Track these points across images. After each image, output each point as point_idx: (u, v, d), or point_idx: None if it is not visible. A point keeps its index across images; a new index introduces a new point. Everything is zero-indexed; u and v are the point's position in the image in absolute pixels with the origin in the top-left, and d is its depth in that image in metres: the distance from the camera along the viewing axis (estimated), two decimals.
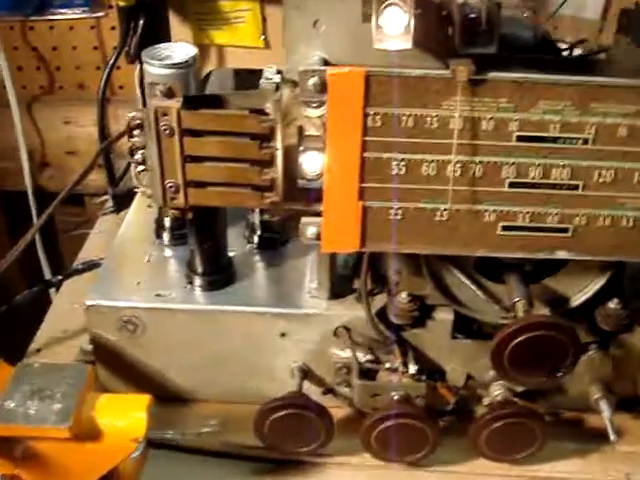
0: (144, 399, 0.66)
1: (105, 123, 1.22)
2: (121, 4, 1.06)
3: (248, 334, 0.75)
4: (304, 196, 0.63)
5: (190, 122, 0.59)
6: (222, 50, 1.25)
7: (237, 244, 0.82)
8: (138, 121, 0.60)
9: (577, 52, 0.73)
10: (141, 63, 1.08)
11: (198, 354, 0.77)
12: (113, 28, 1.26)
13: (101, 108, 1.15)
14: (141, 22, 1.05)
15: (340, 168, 0.60)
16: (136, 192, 0.96)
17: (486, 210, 0.62)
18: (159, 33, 1.10)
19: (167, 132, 0.59)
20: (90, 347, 0.80)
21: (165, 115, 0.59)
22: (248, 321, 0.74)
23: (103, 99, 1.15)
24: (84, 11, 1.27)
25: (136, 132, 0.61)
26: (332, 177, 0.61)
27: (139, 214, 0.89)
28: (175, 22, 1.20)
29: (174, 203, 0.63)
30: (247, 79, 0.77)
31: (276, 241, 0.82)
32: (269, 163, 0.61)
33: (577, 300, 0.71)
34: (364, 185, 0.61)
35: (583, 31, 1.15)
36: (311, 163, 0.62)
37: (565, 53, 0.73)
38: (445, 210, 0.62)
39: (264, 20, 1.20)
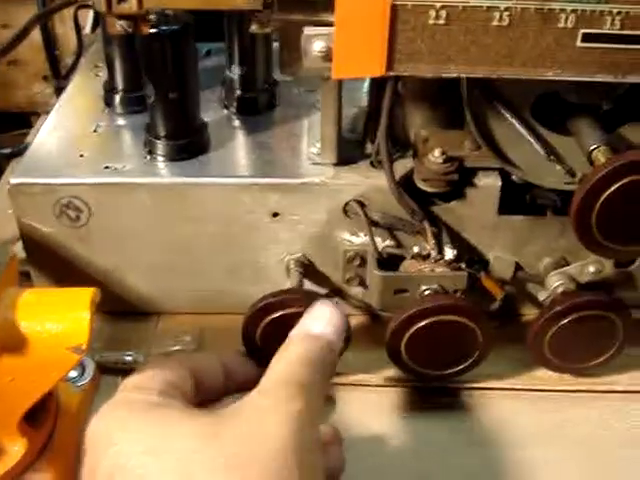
0: (86, 293, 0.47)
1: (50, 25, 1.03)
2: None
3: (228, 215, 0.56)
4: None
5: None
6: None
7: (211, 111, 0.63)
8: None
9: None
10: None
11: (162, 247, 0.58)
12: None
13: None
14: None
15: None
16: None
17: (563, 10, 0.44)
18: None
19: None
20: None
21: None
22: (228, 197, 0.56)
23: None
24: None
25: None
26: None
27: (84, 82, 0.70)
28: None
29: (123, 7, 0.44)
30: None
31: (260, 103, 0.64)
32: None
33: None
34: None
35: None
36: None
37: None
38: (506, 10, 0.44)
39: None
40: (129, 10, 0.44)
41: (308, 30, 0.46)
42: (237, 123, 0.63)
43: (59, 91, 0.90)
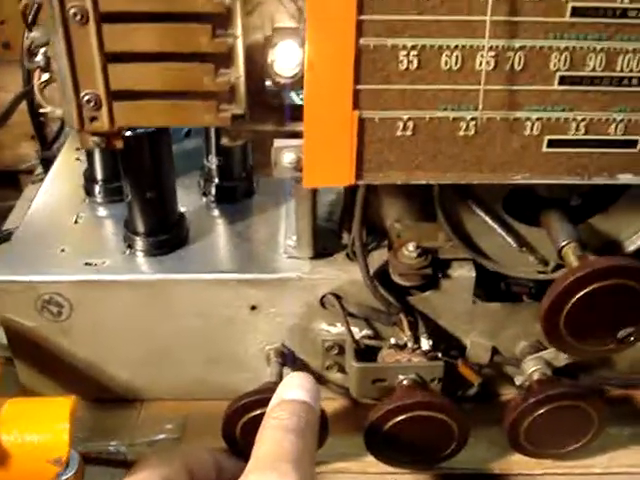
0: (66, 403, 0.48)
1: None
2: None
3: (207, 309, 0.57)
4: (277, 110, 0.46)
5: (111, 1, 0.41)
6: None
7: (189, 199, 0.64)
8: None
9: None
10: None
11: (144, 340, 0.59)
12: None
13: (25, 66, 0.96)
14: None
15: (327, 63, 0.43)
16: None
17: (528, 118, 0.45)
18: None
19: (78, 18, 0.41)
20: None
21: None
22: (207, 292, 0.56)
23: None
24: None
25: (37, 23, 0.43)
26: (315, 77, 0.43)
27: (65, 169, 0.70)
28: None
29: (95, 126, 0.45)
30: None
31: (238, 192, 0.64)
32: (226, 59, 0.43)
33: (632, 244, 0.55)
34: (361, 87, 0.44)
35: None
36: (285, 59, 0.44)
37: None
38: (472, 120, 0.45)
39: None
40: (101, 128, 0.45)
41: (278, 142, 0.46)
42: (216, 212, 0.63)
43: (45, 162, 0.91)
